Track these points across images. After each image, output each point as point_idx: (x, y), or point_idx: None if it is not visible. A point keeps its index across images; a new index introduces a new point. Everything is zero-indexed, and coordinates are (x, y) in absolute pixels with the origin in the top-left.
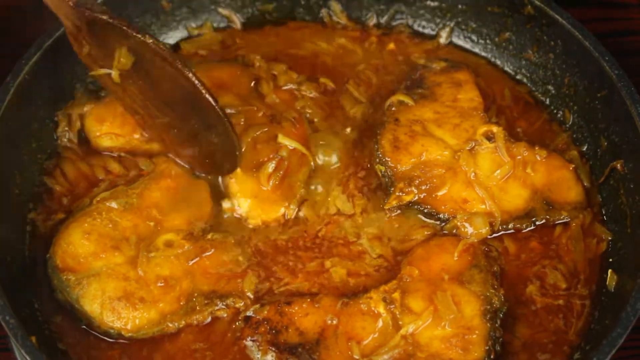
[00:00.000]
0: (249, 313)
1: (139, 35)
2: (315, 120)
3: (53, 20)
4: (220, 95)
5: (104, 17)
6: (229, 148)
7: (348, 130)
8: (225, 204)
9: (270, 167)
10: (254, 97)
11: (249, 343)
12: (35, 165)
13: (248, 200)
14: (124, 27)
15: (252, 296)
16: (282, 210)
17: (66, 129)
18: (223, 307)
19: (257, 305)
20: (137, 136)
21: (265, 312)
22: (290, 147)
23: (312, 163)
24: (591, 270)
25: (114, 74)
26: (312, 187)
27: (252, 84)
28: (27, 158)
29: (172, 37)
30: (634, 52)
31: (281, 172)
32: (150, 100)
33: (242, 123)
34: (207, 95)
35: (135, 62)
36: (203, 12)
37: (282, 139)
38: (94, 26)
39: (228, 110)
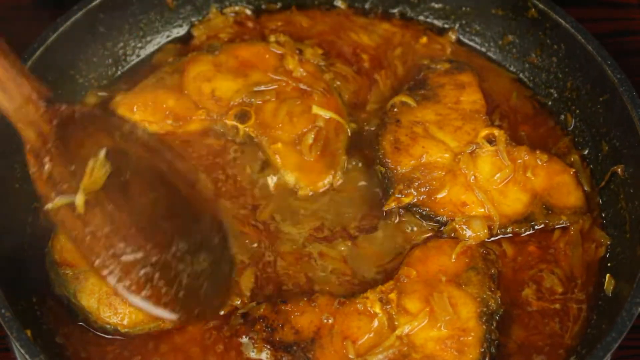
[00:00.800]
0: (246, 310)
1: (128, 124)
2: (346, 96)
3: (53, 19)
4: (248, 73)
5: (87, 108)
6: (222, 272)
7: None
8: (271, 180)
9: (310, 137)
10: (281, 73)
11: (244, 340)
12: None
13: (294, 173)
14: (111, 116)
15: (249, 294)
16: (329, 178)
17: None
18: None
19: (254, 303)
20: (169, 122)
21: (262, 310)
22: (326, 117)
23: (348, 130)
24: (589, 275)
25: (79, 200)
26: None
27: (278, 60)
28: None
29: (174, 34)
30: (634, 52)
31: (321, 142)
32: (123, 225)
33: (273, 99)
34: (207, 190)
35: (111, 173)
36: (207, 8)
37: (317, 110)
38: (67, 128)
39: (258, 88)
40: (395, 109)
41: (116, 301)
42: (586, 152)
